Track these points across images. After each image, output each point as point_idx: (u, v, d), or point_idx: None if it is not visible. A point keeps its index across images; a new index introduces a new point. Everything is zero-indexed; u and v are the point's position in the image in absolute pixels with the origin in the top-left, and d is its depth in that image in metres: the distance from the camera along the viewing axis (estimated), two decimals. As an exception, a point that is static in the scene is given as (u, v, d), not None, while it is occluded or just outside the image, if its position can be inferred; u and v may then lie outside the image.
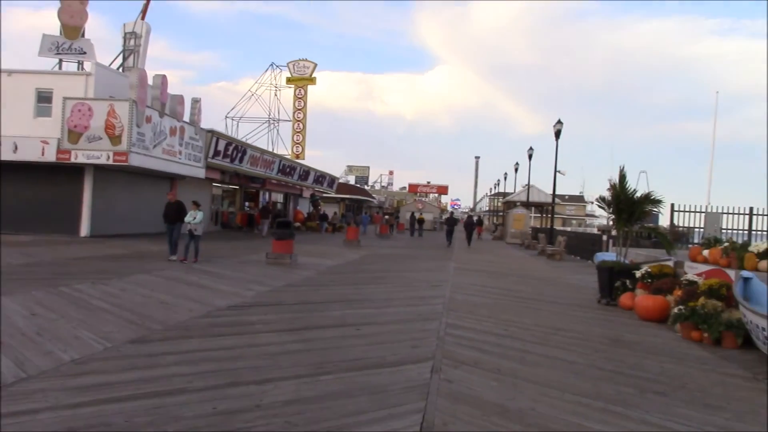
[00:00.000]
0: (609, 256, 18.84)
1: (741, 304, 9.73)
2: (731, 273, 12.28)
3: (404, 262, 26.50)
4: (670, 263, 15.01)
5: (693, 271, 13.88)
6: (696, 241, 24.91)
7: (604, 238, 31.04)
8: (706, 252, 14.09)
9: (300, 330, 10.31)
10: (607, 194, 16.21)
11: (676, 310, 12.11)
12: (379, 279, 19.18)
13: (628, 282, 15.33)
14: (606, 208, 16.51)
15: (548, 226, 46.04)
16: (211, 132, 38.04)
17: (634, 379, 8.14)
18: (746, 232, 23.48)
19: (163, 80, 32.28)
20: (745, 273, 11.20)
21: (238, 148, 41.66)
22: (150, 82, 31.46)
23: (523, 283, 20.18)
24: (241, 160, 42.10)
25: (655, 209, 16.24)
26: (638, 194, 15.72)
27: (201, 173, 37.66)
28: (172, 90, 33.97)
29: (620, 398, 7.18)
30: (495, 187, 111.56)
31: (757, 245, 12.18)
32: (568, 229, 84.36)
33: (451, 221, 46.54)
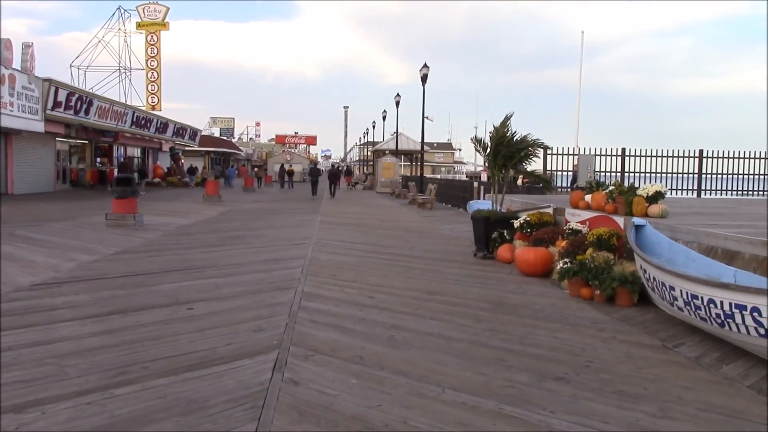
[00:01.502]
0: (483, 204, 17.53)
1: (639, 256, 8.41)
2: (619, 220, 11.06)
3: (266, 218, 24.40)
4: (549, 210, 13.77)
5: (575, 219, 12.65)
6: (565, 185, 24.24)
7: (475, 184, 30.03)
8: (588, 197, 12.88)
9: (113, 315, 8.13)
10: (486, 137, 14.74)
11: (561, 263, 10.78)
12: (233, 239, 17.03)
13: (505, 233, 14.00)
14: (482, 151, 15.07)
15: (418, 174, 44.96)
16: (49, 81, 34.02)
17: (527, 359, 6.59)
18: (619, 174, 22.91)
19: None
20: (637, 220, 9.95)
21: (82, 99, 37.76)
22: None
23: (393, 237, 18.61)
24: (87, 112, 38.20)
25: (536, 153, 14.92)
26: (517, 136, 14.34)
27: (40, 127, 33.77)
28: (19, 41, 29.86)
29: (515, 393, 5.56)
30: (364, 137, 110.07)
31: (646, 188, 11.02)
32: (438, 176, 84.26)
33: (315, 172, 45.25)
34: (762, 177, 23.65)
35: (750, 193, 23.60)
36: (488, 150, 14.76)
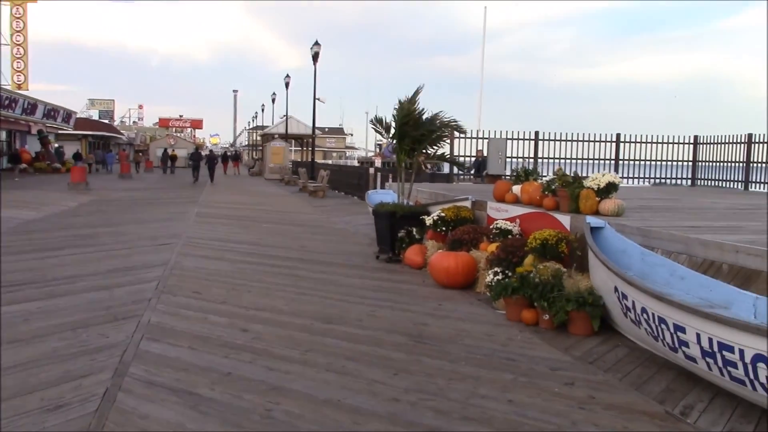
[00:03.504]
0: (385, 195, 15.09)
1: (616, 273, 6.11)
2: (563, 219, 8.84)
3: (134, 210, 21.10)
4: (467, 204, 11.47)
5: (501, 216, 10.39)
6: (474, 173, 22.19)
7: (372, 171, 27.60)
8: (517, 188, 10.63)
9: None
10: (391, 118, 12.25)
11: (491, 274, 8.48)
12: (82, 239, 13.89)
13: (414, 231, 11.62)
14: (384, 133, 12.61)
15: (309, 160, 42.19)
16: None
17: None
18: (532, 159, 21.03)
19: None
20: (594, 220, 7.72)
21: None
22: None
23: (280, 233, 15.91)
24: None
25: (448, 136, 12.62)
26: (427, 115, 11.97)
27: None
28: None
29: None
30: (253, 121, 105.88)
31: (596, 178, 8.84)
32: (330, 162, 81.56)
33: (196, 156, 42.05)
34: (675, 164, 22.38)
35: (666, 181, 22.35)
36: (392, 132, 12.33)
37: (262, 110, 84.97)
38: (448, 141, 18.54)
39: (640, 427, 4.66)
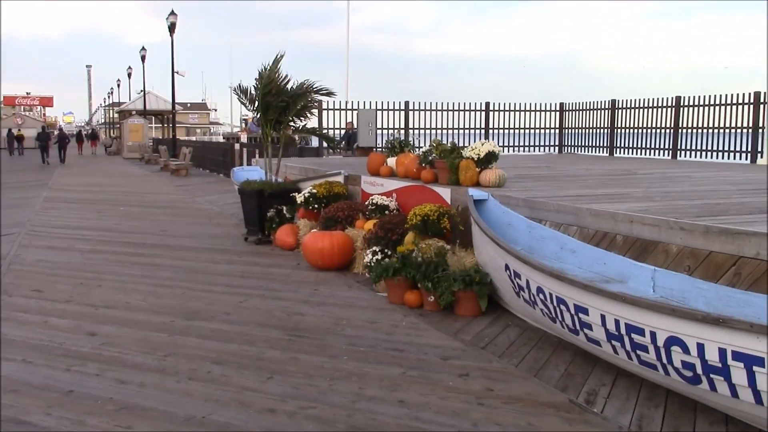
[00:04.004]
0: (252, 172, 14.19)
1: (505, 249, 5.62)
2: (443, 192, 8.33)
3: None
4: (340, 179, 10.81)
5: (377, 190, 9.80)
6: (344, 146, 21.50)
7: (237, 147, 26.36)
8: (392, 161, 10.05)
9: None
10: (251, 88, 11.33)
11: (369, 254, 7.90)
12: None
13: (284, 209, 10.85)
14: (248, 104, 11.69)
15: (170, 137, 40.17)
16: None
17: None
18: (403, 130, 20.55)
19: None
20: (476, 192, 7.24)
21: None
22: None
23: (138, 216, 14.69)
24: None
25: (315, 105, 11.87)
26: (293, 83, 11.15)
27: None
28: None
29: None
30: (109, 97, 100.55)
31: (475, 147, 8.36)
32: (194, 139, 78.72)
33: (44, 137, 39.22)
34: (543, 131, 22.56)
35: (535, 149, 22.50)
36: (256, 103, 11.45)
37: (118, 86, 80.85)
38: (317, 112, 17.76)
39: (546, 423, 4.19)
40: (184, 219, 14.35)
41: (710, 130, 16.95)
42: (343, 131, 22.06)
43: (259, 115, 11.59)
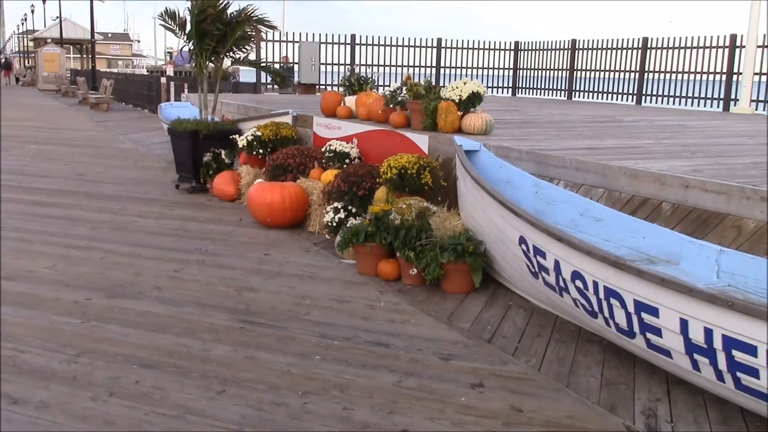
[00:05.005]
0: (183, 108, 12.62)
1: (527, 220, 4.38)
2: (419, 139, 7.04)
3: None
4: (288, 120, 9.38)
5: (333, 135, 8.43)
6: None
7: (163, 80, 24.25)
8: (351, 100, 8.68)
9: None
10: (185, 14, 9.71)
11: (331, 212, 6.63)
12: None
13: (223, 153, 9.40)
14: (178, 31, 10.07)
15: (90, 68, 37.33)
16: None
17: None
18: (349, 66, 19.00)
19: None
20: (465, 140, 5.99)
21: None
22: None
23: (52, 156, 12.95)
24: None
25: (254, 37, 10.33)
26: (232, 9, 9.59)
27: None
28: None
29: None
30: (23, 24, 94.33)
31: (456, 87, 7.00)
32: (116, 71, 74.68)
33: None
34: (496, 71, 21.25)
35: (489, 90, 21.20)
36: (188, 29, 9.85)
37: (32, 12, 75.75)
38: (254, 43, 16.08)
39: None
40: (105, 160, 12.69)
41: (678, 75, 16.06)
42: (280, 65, 20.39)
43: (191, 45, 9.98)
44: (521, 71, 21.02)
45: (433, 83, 8.08)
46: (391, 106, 7.63)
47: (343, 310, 5.02)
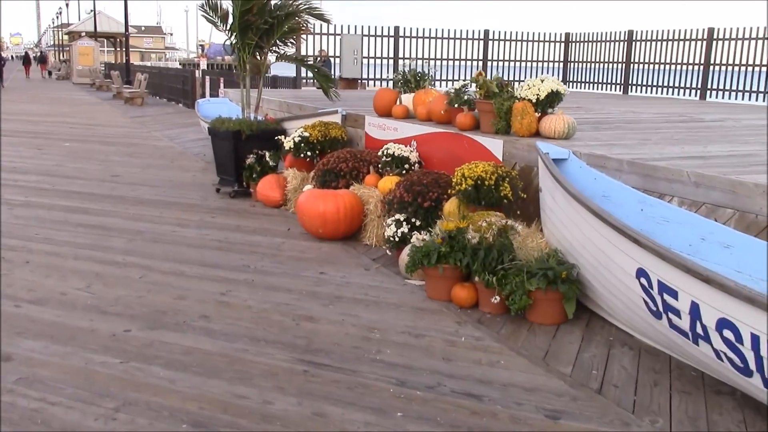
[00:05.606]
0: (221, 105, 11.99)
1: (644, 246, 3.65)
2: (492, 144, 6.30)
3: None
4: (337, 118, 8.70)
5: (388, 136, 7.73)
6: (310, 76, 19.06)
7: (198, 74, 23.73)
8: (407, 98, 7.96)
9: None
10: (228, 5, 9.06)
11: (392, 225, 5.93)
12: None
13: (267, 155, 8.76)
14: (220, 23, 9.42)
15: (124, 62, 37.06)
16: None
17: None
18: (392, 59, 18.27)
19: None
20: (551, 147, 5.25)
21: None
22: None
23: (86, 155, 12.42)
24: None
25: (303, 30, 9.67)
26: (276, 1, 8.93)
27: None
28: None
29: None
30: (58, 18, 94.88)
31: (533, 84, 6.20)
32: (149, 64, 74.74)
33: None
34: (546, 64, 20.32)
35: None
36: (231, 22, 9.20)
37: (67, 5, 76.11)
38: (304, 36, 15.39)
39: None
40: (141, 159, 12.13)
41: (748, 68, 15.07)
42: (316, 60, 19.70)
43: (233, 38, 9.32)
44: (572, 64, 20.05)
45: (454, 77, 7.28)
46: (456, 105, 6.88)
47: (418, 346, 4.33)
